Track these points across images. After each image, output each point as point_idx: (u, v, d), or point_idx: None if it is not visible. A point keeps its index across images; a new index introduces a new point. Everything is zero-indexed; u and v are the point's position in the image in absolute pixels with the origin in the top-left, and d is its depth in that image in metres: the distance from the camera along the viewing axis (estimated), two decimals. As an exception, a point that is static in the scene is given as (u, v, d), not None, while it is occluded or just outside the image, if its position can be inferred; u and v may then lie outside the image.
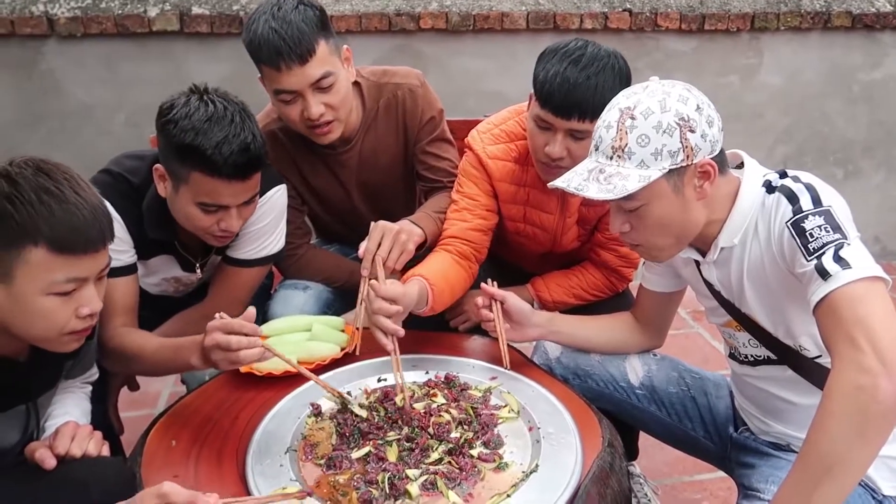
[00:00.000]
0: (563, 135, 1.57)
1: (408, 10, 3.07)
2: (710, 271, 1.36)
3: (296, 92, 1.64)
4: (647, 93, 1.22)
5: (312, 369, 1.53)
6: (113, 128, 3.02)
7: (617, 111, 1.23)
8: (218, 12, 2.94)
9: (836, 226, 1.13)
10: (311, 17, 1.61)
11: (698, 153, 1.20)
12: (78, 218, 1.11)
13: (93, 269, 1.16)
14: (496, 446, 1.29)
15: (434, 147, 1.88)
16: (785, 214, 1.18)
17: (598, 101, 1.48)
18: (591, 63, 1.52)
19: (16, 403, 1.25)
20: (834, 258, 1.09)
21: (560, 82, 1.52)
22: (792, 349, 1.30)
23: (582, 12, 3.19)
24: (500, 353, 1.53)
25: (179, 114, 1.41)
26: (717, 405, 1.56)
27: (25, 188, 1.09)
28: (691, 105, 1.20)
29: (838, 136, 3.66)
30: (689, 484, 2.13)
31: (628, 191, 1.18)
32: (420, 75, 1.88)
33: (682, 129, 1.18)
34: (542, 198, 1.79)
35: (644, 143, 1.19)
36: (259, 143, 1.46)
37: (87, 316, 1.16)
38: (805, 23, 3.39)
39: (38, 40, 2.88)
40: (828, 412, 1.03)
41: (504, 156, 1.77)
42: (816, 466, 1.02)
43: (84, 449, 1.21)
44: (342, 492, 1.18)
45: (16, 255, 1.09)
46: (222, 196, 1.46)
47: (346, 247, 2.13)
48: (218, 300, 1.70)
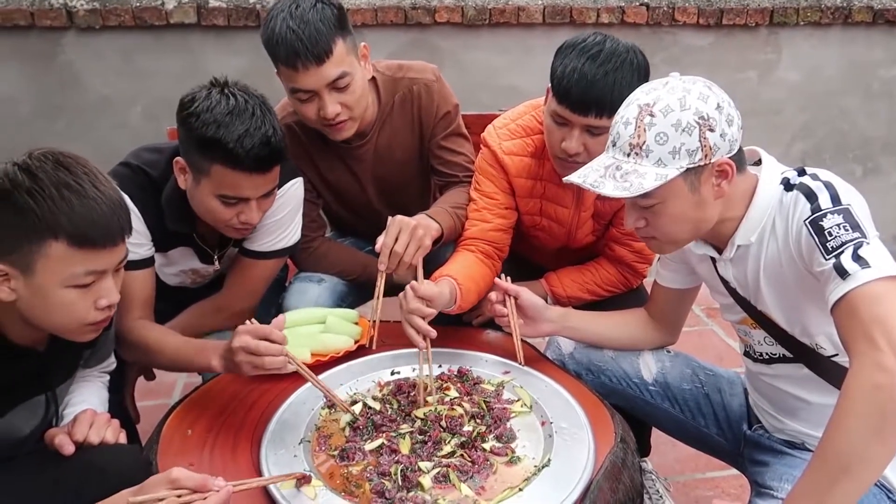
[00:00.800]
0: (579, 131, 1.56)
1: (423, 4, 3.07)
2: (726, 268, 1.35)
3: (312, 91, 1.65)
4: (666, 89, 1.21)
5: (327, 361, 1.55)
6: (130, 120, 3.05)
7: (636, 107, 1.21)
8: (235, 5, 2.95)
9: (855, 224, 1.12)
10: (329, 15, 1.61)
11: (717, 152, 1.19)
12: (97, 212, 1.12)
13: (111, 262, 1.17)
14: (508, 440, 1.30)
15: (449, 142, 1.88)
16: (803, 213, 1.17)
17: (616, 98, 1.47)
18: (608, 59, 1.51)
19: (35, 393, 1.27)
20: (853, 257, 1.08)
21: (578, 78, 1.51)
22: (808, 347, 1.29)
23: (599, 6, 3.17)
24: (513, 347, 1.53)
25: (201, 107, 1.42)
26: (730, 402, 1.56)
27: (46, 182, 1.10)
28: (711, 103, 1.19)
29: (858, 133, 3.62)
30: (701, 481, 2.13)
31: (645, 189, 1.18)
32: (436, 70, 1.88)
33: (701, 127, 1.17)
34: (557, 192, 1.79)
35: (662, 142, 1.18)
36: (279, 136, 1.47)
37: (105, 307, 1.18)
38: (825, 18, 3.35)
39: (58, 32, 2.91)
40: (845, 410, 1.02)
41: (520, 151, 1.77)
42: (833, 465, 1.01)
43: (102, 436, 1.23)
44: (355, 483, 1.19)
45: (36, 249, 1.10)
46: (243, 189, 1.47)
47: (360, 240, 2.14)
48: (233, 292, 1.71)
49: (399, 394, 1.43)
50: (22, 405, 1.25)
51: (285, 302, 1.85)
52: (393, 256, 1.52)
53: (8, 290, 1.12)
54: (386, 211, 1.99)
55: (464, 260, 1.75)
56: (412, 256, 1.54)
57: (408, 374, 1.52)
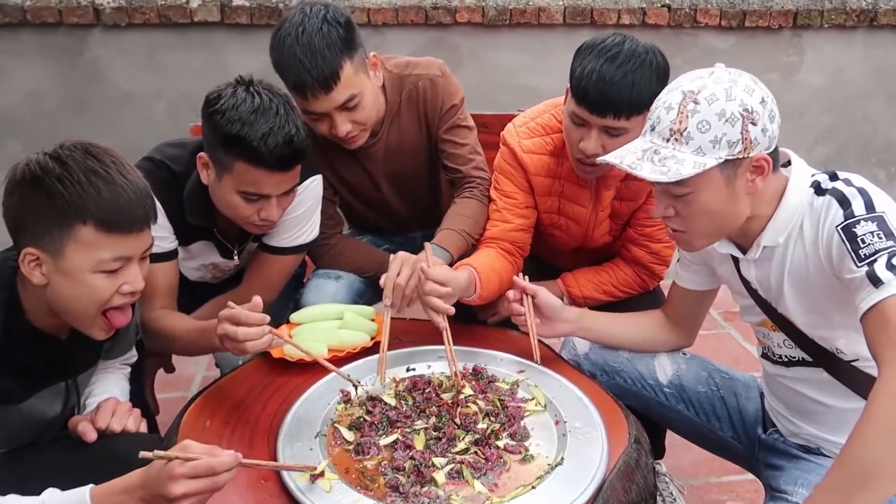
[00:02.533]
0: (598, 131, 1.56)
1: (444, 4, 3.08)
2: (748, 269, 1.34)
3: (323, 112, 1.67)
4: (712, 79, 1.19)
5: (343, 357, 1.56)
6: (154, 115, 3.09)
7: (679, 93, 1.20)
8: (258, 4, 2.99)
9: (890, 232, 1.10)
10: (336, 39, 1.60)
11: (756, 147, 1.18)
12: (124, 198, 1.16)
13: (137, 249, 1.21)
14: (522, 438, 1.30)
15: (451, 134, 1.88)
16: (836, 218, 1.15)
17: (635, 99, 1.48)
18: (628, 60, 1.50)
19: (56, 379, 1.30)
20: (887, 266, 1.06)
21: (596, 80, 1.50)
22: (827, 351, 1.28)
23: (620, 7, 3.16)
24: (529, 346, 1.54)
25: (227, 104, 1.44)
26: (746, 406, 1.55)
27: (75, 169, 1.14)
28: (756, 97, 1.18)
29: (882, 137, 3.57)
30: (715, 485, 2.12)
31: (682, 176, 1.16)
32: (442, 65, 1.88)
33: (744, 120, 1.16)
34: (576, 190, 1.79)
35: (704, 130, 1.17)
36: (302, 135, 1.49)
37: (128, 293, 1.21)
38: (850, 20, 3.31)
39: (84, 29, 2.96)
40: (870, 420, 1.00)
41: (539, 149, 1.78)
42: (854, 473, 1.00)
43: (123, 424, 1.26)
44: (370, 477, 1.20)
45: (66, 233, 1.14)
46: (264, 186, 1.49)
47: (378, 237, 2.16)
48: (253, 286, 1.73)
49: (414, 390, 1.44)
50: (44, 391, 1.28)
51: (303, 298, 1.87)
52: (396, 290, 1.51)
53: (40, 275, 1.17)
54: (401, 206, 2.02)
55: (485, 254, 1.77)
56: (413, 289, 1.53)
57: (423, 371, 1.53)
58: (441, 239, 1.72)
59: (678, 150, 1.18)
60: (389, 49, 3.05)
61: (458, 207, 1.83)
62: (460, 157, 1.87)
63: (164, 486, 0.99)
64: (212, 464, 1.01)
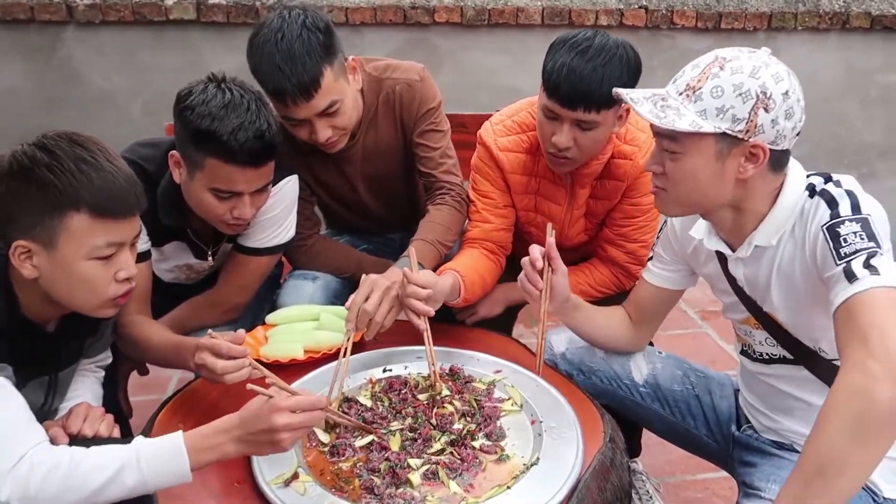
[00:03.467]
0: (569, 125, 1.58)
1: (423, 4, 3.08)
2: (737, 267, 1.34)
3: (303, 119, 1.66)
4: (748, 55, 1.19)
5: (319, 358, 1.56)
6: (130, 114, 3.06)
7: (712, 56, 1.20)
8: (234, 2, 2.96)
9: (872, 234, 1.12)
10: (315, 45, 1.58)
11: (759, 134, 1.17)
12: (115, 184, 1.17)
13: (129, 234, 1.21)
14: (498, 438, 1.31)
15: (424, 138, 1.87)
16: (822, 218, 1.17)
17: (605, 92, 1.49)
18: (598, 54, 1.52)
19: (43, 372, 1.29)
20: (864, 264, 1.08)
21: (567, 73, 1.52)
22: (811, 350, 1.29)
23: (597, 8, 3.18)
24: (506, 347, 1.53)
25: (196, 100, 1.44)
26: (720, 404, 1.56)
27: (64, 158, 1.14)
28: (782, 87, 1.17)
29: (854, 139, 3.63)
30: (691, 482, 2.14)
31: (675, 127, 1.16)
32: (421, 70, 1.88)
33: (758, 101, 1.15)
34: (551, 188, 1.81)
35: (716, 95, 1.16)
36: (274, 131, 1.48)
37: (124, 280, 1.21)
38: (823, 23, 3.37)
39: (57, 27, 2.92)
40: (827, 413, 1.02)
41: (515, 147, 1.79)
42: (811, 467, 1.01)
43: (95, 429, 1.24)
44: (345, 479, 1.20)
45: (58, 222, 1.14)
46: (236, 183, 1.48)
47: (356, 237, 2.15)
48: (227, 287, 1.72)
49: (390, 391, 1.44)
50: (31, 384, 1.26)
51: (280, 299, 1.85)
52: (363, 315, 1.47)
53: (31, 268, 1.16)
54: (378, 208, 2.02)
55: (468, 256, 1.78)
56: (384, 316, 1.49)
57: (399, 372, 1.53)
58: (416, 250, 1.68)
59: (685, 105, 1.19)
60: (368, 49, 3.04)
61: (429, 216, 1.81)
62: (431, 161, 1.87)
63: (268, 419, 1.09)
64: (314, 400, 1.14)
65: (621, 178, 1.76)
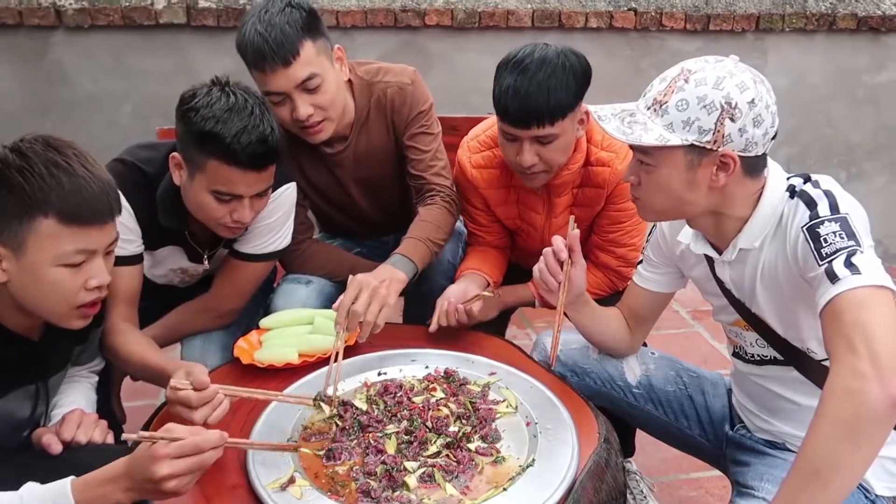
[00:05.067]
0: (528, 142, 1.61)
1: (413, 6, 3.08)
2: (723, 270, 1.35)
3: (283, 93, 1.66)
4: (714, 65, 1.20)
5: (314, 362, 1.55)
6: (120, 118, 3.04)
7: (678, 69, 1.22)
8: (224, 6, 2.96)
9: (851, 233, 1.13)
10: (297, 18, 1.63)
11: (728, 143, 1.18)
12: (87, 190, 1.15)
13: (101, 242, 1.19)
14: (494, 440, 1.31)
15: (414, 141, 1.87)
16: (802, 219, 1.18)
17: (553, 105, 1.53)
18: (539, 68, 1.54)
19: (27, 382, 1.28)
20: (845, 263, 1.09)
21: (513, 94, 1.55)
22: (799, 351, 1.30)
23: (587, 11, 3.19)
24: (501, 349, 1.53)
25: (201, 102, 1.44)
26: (713, 404, 1.57)
27: (36, 161, 1.13)
28: (746, 96, 1.17)
29: (843, 139, 3.66)
30: (685, 481, 2.15)
31: (641, 142, 1.18)
32: (413, 73, 1.88)
33: (723, 112, 1.16)
34: (529, 198, 1.85)
35: (681, 108, 1.18)
36: (276, 136, 1.48)
37: (95, 288, 1.19)
38: (810, 24, 3.39)
39: (46, 31, 2.90)
40: (820, 415, 1.03)
41: (488, 163, 1.83)
42: (806, 469, 1.02)
43: (89, 436, 1.23)
44: (341, 483, 1.19)
45: (27, 226, 1.12)
46: (237, 186, 1.48)
47: (349, 241, 2.16)
48: (221, 293, 1.72)
49: (386, 394, 1.44)
50: (14, 392, 1.25)
51: (273, 303, 1.85)
52: (353, 316, 1.45)
53: (0, 272, 1.14)
54: (371, 211, 2.03)
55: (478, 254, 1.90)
56: (375, 316, 1.48)
57: (394, 375, 1.53)
58: (405, 248, 1.71)
59: (652, 119, 1.20)
60: (359, 51, 3.04)
61: (420, 216, 1.82)
62: (421, 164, 1.87)
63: (149, 469, 0.99)
64: (197, 441, 1.01)
65: (601, 186, 1.78)
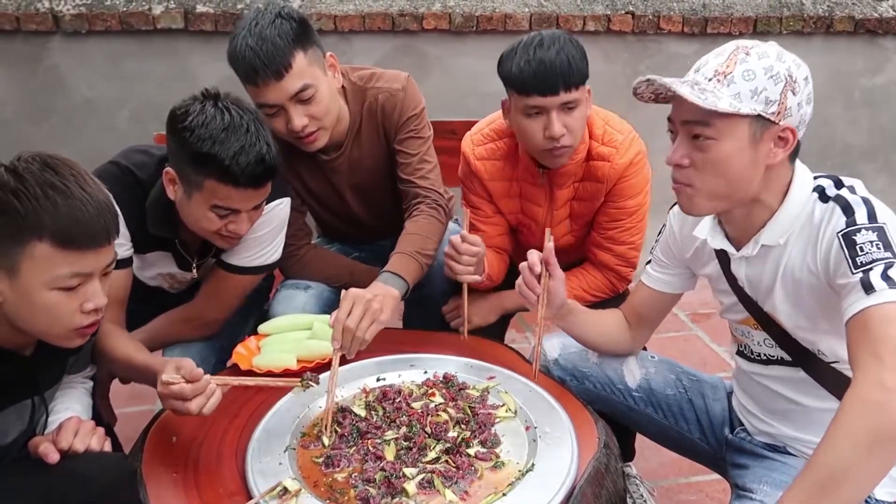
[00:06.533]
0: (556, 112, 1.64)
1: (411, 11, 3.08)
2: (739, 266, 1.34)
3: (277, 105, 1.65)
4: (766, 44, 1.22)
5: (312, 367, 1.55)
6: (117, 124, 3.03)
7: (733, 45, 1.22)
8: (222, 10, 2.95)
9: (888, 244, 1.12)
10: (288, 30, 1.61)
11: (788, 117, 1.18)
12: (83, 213, 1.12)
13: (97, 265, 1.17)
14: (493, 445, 1.30)
15: (403, 145, 1.86)
16: (837, 225, 1.17)
17: (575, 70, 1.62)
18: (553, 43, 1.63)
19: (22, 398, 1.27)
20: (882, 276, 1.08)
21: (537, 65, 1.61)
22: (809, 352, 1.30)
23: (585, 14, 3.19)
24: (499, 354, 1.53)
25: (195, 122, 1.41)
26: (713, 407, 1.57)
27: (31, 182, 1.10)
28: (802, 72, 1.20)
29: (839, 141, 3.67)
30: (685, 485, 2.14)
31: (717, 107, 1.15)
32: (405, 79, 1.87)
33: (787, 84, 1.17)
34: (532, 190, 1.86)
35: (749, 78, 1.17)
36: (273, 152, 1.47)
37: (91, 311, 1.17)
38: (807, 27, 3.40)
39: (43, 36, 2.89)
40: (840, 424, 1.02)
41: (491, 155, 1.85)
42: (821, 476, 1.01)
43: (87, 444, 1.22)
44: (340, 490, 1.19)
45: (21, 250, 1.10)
46: (234, 202, 1.47)
47: (347, 245, 2.15)
48: (205, 303, 1.70)
49: (384, 400, 1.44)
50: (8, 409, 1.24)
51: (272, 309, 1.85)
52: (346, 333, 1.42)
53: None
54: (367, 216, 2.02)
55: None
56: (365, 332, 1.44)
57: (393, 381, 1.52)
58: (394, 265, 1.65)
59: (718, 88, 1.19)
60: (357, 56, 3.04)
61: (407, 228, 1.78)
62: (408, 167, 1.86)
63: None
64: None
65: (601, 180, 1.80)
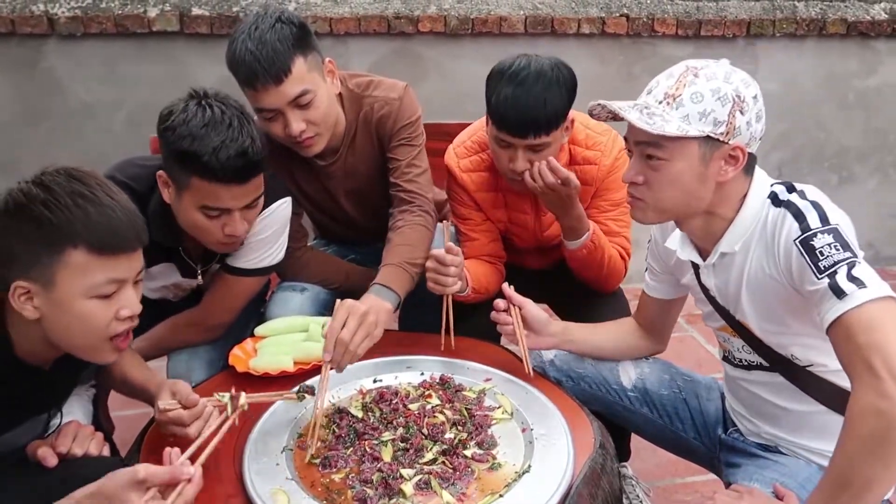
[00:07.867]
0: (523, 150, 1.66)
1: (406, 13, 3.08)
2: (708, 277, 1.37)
3: (275, 110, 1.65)
4: (717, 64, 1.24)
5: (309, 369, 1.56)
6: (113, 127, 3.03)
7: (683, 66, 1.24)
8: (218, 13, 2.96)
9: (846, 244, 1.14)
10: (288, 34, 1.61)
11: (737, 136, 1.21)
12: (114, 219, 1.14)
13: (131, 271, 1.18)
14: (489, 447, 1.31)
15: (395, 152, 1.86)
16: (792, 232, 1.18)
17: (550, 115, 1.60)
18: (536, 81, 1.60)
19: (40, 411, 1.28)
20: (848, 277, 1.10)
21: (512, 105, 1.60)
22: (784, 357, 1.32)
23: (580, 17, 3.21)
24: (496, 354, 1.54)
25: (177, 120, 1.42)
26: (707, 407, 1.58)
27: (60, 193, 1.11)
28: (751, 91, 1.22)
29: (833, 143, 3.69)
30: (680, 486, 2.15)
31: (665, 131, 1.18)
32: (402, 88, 1.86)
33: (735, 105, 1.20)
34: (517, 200, 1.89)
35: (696, 101, 1.20)
36: (257, 146, 1.46)
37: (126, 318, 1.18)
38: (800, 29, 3.42)
39: (39, 39, 2.89)
40: (849, 435, 1.05)
41: (476, 167, 1.87)
42: (836, 488, 1.06)
43: (85, 448, 1.23)
44: (337, 491, 1.19)
45: (56, 259, 1.11)
46: (223, 200, 1.47)
47: (344, 248, 2.16)
48: (211, 307, 1.71)
49: (381, 402, 1.44)
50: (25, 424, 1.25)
51: (268, 311, 1.85)
52: (339, 345, 1.37)
53: (32, 309, 1.13)
54: (362, 220, 2.03)
55: (468, 263, 1.84)
56: (358, 346, 1.39)
57: (389, 382, 1.53)
58: (384, 277, 1.63)
59: (667, 112, 1.21)
60: (353, 59, 3.05)
61: (393, 240, 1.76)
62: (397, 171, 1.85)
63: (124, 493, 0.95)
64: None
65: (589, 183, 1.82)
